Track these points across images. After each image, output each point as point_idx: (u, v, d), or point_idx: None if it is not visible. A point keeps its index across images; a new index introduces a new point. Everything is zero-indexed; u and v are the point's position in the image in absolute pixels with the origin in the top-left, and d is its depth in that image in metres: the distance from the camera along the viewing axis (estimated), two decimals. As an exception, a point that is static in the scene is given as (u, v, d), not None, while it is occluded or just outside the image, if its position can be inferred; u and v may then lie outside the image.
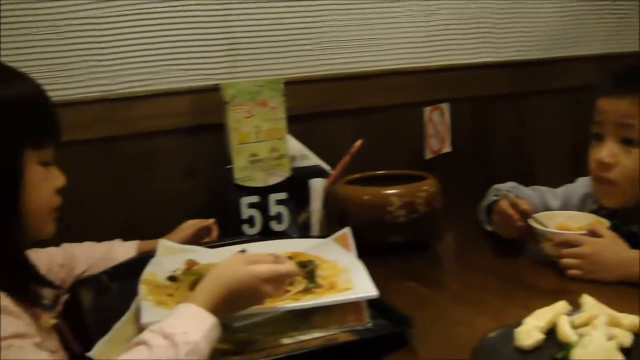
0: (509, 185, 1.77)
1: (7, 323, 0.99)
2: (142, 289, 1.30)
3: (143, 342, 0.98)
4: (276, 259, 1.16)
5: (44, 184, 1.17)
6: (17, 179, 1.11)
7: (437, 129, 2.08)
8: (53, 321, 1.18)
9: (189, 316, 1.04)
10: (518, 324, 1.14)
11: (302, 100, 1.93)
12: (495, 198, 1.69)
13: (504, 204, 1.60)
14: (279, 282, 1.14)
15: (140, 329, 1.18)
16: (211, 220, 1.68)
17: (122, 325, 1.25)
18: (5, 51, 1.69)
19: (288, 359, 1.13)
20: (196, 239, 1.64)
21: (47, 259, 1.49)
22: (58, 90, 1.77)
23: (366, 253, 1.39)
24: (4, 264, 1.09)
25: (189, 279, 1.34)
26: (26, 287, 1.13)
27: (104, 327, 1.25)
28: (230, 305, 1.10)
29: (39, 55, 1.74)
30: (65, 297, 1.39)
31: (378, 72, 2.08)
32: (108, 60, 1.80)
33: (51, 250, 1.54)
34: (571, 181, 1.80)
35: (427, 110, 2.05)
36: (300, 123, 1.90)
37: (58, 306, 1.27)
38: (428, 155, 2.07)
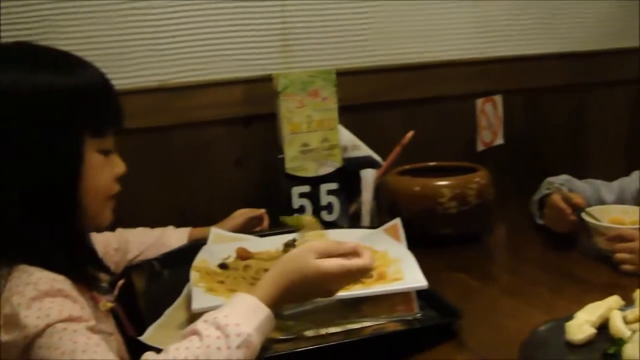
0: (562, 178, 1.75)
1: (63, 306, 1.01)
2: (194, 275, 1.32)
3: (196, 332, 0.99)
4: (354, 249, 1.12)
5: (103, 171, 1.18)
6: (77, 165, 1.12)
7: (490, 121, 2.06)
8: (110, 304, 1.20)
9: (244, 308, 1.03)
10: (569, 317, 1.13)
11: (354, 91, 1.93)
12: (547, 191, 1.67)
13: (557, 198, 1.58)
14: (351, 278, 1.12)
15: (191, 314, 1.21)
16: (262, 210, 1.69)
17: (173, 311, 1.28)
18: (65, 40, 1.72)
19: (337, 347, 1.13)
20: (247, 228, 1.66)
21: (103, 243, 1.52)
22: (114, 79, 1.74)
23: (416, 244, 1.39)
24: (64, 248, 1.10)
25: (240, 267, 1.36)
26: (85, 271, 1.14)
27: (156, 312, 1.27)
28: (291, 297, 1.09)
29: (96, 45, 1.76)
30: (121, 281, 1.42)
31: (431, 63, 2.07)
32: (164, 51, 1.83)
33: (107, 234, 1.57)
34: (627, 175, 1.77)
35: (480, 102, 2.03)
36: (352, 114, 1.90)
37: (115, 290, 1.29)
38: (480, 147, 2.05)
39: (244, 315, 1.01)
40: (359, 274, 1.12)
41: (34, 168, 1.08)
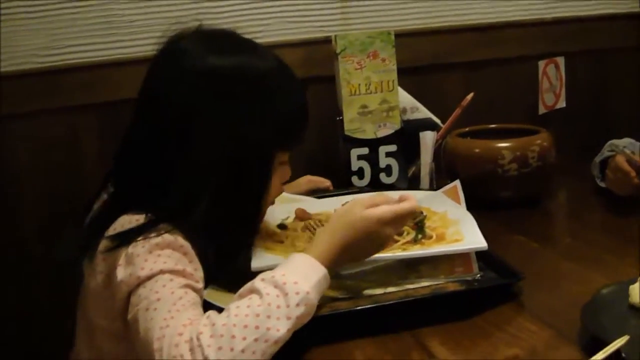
0: (626, 141, 1.71)
1: (180, 260, 1.06)
2: (253, 235, 1.34)
3: (255, 291, 1.00)
4: (400, 197, 1.15)
5: (278, 179, 1.26)
6: (267, 179, 1.21)
7: (552, 83, 2.02)
8: None
9: (301, 267, 1.05)
10: (633, 281, 1.11)
11: (413, 53, 1.92)
12: (610, 153, 1.64)
13: (620, 160, 1.55)
14: (400, 222, 1.14)
15: (250, 273, 1.22)
16: (328, 183, 1.70)
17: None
18: (123, 4, 1.75)
19: (396, 306, 1.14)
20: (310, 195, 1.67)
21: None
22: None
23: (476, 206, 1.38)
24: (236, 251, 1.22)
25: (298, 228, 1.37)
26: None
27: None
28: (347, 253, 1.10)
29: (155, 9, 1.79)
30: None
31: (492, 24, 2.04)
32: (223, 14, 1.84)
33: None
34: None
35: (542, 63, 1.99)
36: (411, 75, 1.88)
37: None
38: (542, 110, 2.02)
39: (301, 273, 1.02)
40: (407, 217, 1.15)
41: (234, 165, 1.15)
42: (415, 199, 1.15)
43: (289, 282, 1.00)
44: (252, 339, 0.94)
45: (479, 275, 1.21)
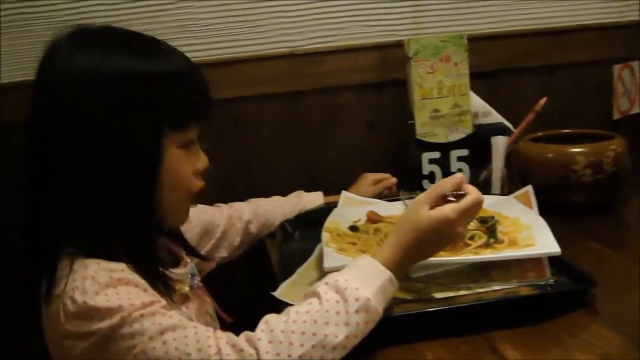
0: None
1: (134, 295, 0.99)
2: (325, 236, 1.35)
3: (316, 294, 1.00)
4: (457, 183, 1.12)
5: (183, 165, 1.13)
6: (156, 157, 1.08)
7: (627, 88, 1.99)
8: (187, 288, 1.21)
9: (365, 271, 1.04)
10: None
11: (486, 57, 1.91)
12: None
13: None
14: (468, 216, 1.11)
15: (322, 273, 1.24)
16: (395, 180, 1.71)
17: (304, 270, 1.32)
18: (199, 8, 1.78)
19: (466, 309, 1.14)
20: (377, 195, 1.68)
21: (227, 215, 1.59)
22: (248, 45, 1.86)
23: (548, 212, 1.37)
24: (136, 247, 1.08)
25: (370, 230, 1.38)
26: (154, 269, 1.11)
27: (288, 271, 1.31)
28: (414, 255, 1.09)
29: (230, 13, 1.82)
30: (211, 266, 1.46)
31: (566, 28, 2.02)
32: (295, 17, 1.87)
33: (237, 205, 1.63)
34: None
35: (617, 68, 1.96)
36: (483, 80, 1.88)
37: (199, 275, 1.31)
38: (616, 115, 1.99)
39: (364, 278, 1.02)
40: (474, 210, 1.11)
41: (112, 155, 1.04)
42: (476, 189, 1.12)
43: (351, 288, 1.00)
44: (310, 346, 0.95)
45: (551, 281, 1.20)
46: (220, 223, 1.56)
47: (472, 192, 1.11)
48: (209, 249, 1.54)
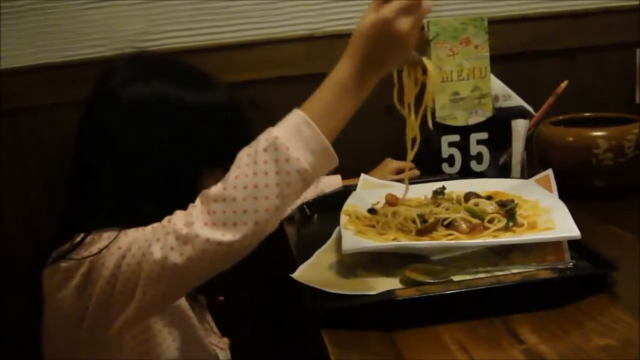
0: None
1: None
2: (344, 218, 1.35)
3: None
4: None
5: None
6: (193, 191, 1.10)
7: (650, 71, 1.97)
8: None
9: (286, 119, 1.06)
10: None
11: (506, 39, 1.90)
12: None
13: None
14: (409, 12, 1.02)
15: (340, 255, 1.25)
16: (417, 172, 1.70)
17: (323, 252, 1.32)
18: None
19: (486, 292, 1.13)
20: (396, 180, 1.68)
21: None
22: (267, 28, 1.85)
23: (568, 196, 1.36)
24: None
25: (388, 213, 1.38)
26: None
27: (306, 253, 1.31)
28: (370, 63, 1.05)
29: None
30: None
31: (588, 11, 2.00)
32: (315, 4, 1.86)
33: None
34: None
35: (640, 51, 1.95)
36: (504, 63, 1.87)
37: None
38: (638, 99, 1.97)
39: (281, 123, 1.06)
40: (413, 5, 1.02)
41: (150, 179, 1.15)
42: None
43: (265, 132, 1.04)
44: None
45: (571, 264, 1.19)
46: None
47: None
48: None
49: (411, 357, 1.02)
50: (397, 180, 1.66)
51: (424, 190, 1.50)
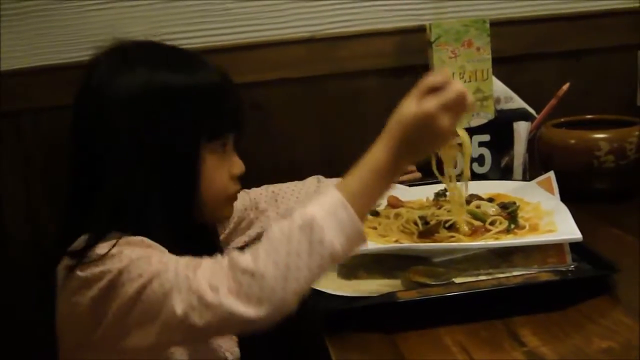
0: None
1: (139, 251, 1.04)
2: (346, 220, 1.35)
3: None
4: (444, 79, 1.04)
5: (219, 172, 1.18)
6: (194, 169, 1.13)
7: (652, 73, 1.97)
8: None
9: (321, 194, 1.03)
10: None
11: (508, 41, 1.89)
12: None
13: None
14: (452, 109, 1.03)
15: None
16: (419, 175, 1.70)
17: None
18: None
19: (487, 294, 1.13)
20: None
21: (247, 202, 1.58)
22: (266, 30, 1.86)
23: (570, 199, 1.36)
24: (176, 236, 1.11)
25: (391, 215, 1.38)
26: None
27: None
28: (407, 151, 1.04)
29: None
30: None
31: (589, 13, 1.99)
32: (316, 2, 1.85)
33: (256, 191, 1.62)
34: None
35: (642, 53, 1.95)
36: (506, 65, 1.86)
37: None
38: (640, 101, 1.97)
39: (315, 199, 1.02)
40: (458, 102, 1.03)
41: (151, 164, 1.10)
42: (459, 81, 1.08)
43: (300, 209, 1.00)
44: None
45: (572, 267, 1.19)
46: (235, 215, 1.55)
47: (456, 82, 1.04)
48: (222, 238, 1.54)
49: (412, 359, 1.02)
50: (400, 182, 1.66)
51: (426, 193, 1.50)
